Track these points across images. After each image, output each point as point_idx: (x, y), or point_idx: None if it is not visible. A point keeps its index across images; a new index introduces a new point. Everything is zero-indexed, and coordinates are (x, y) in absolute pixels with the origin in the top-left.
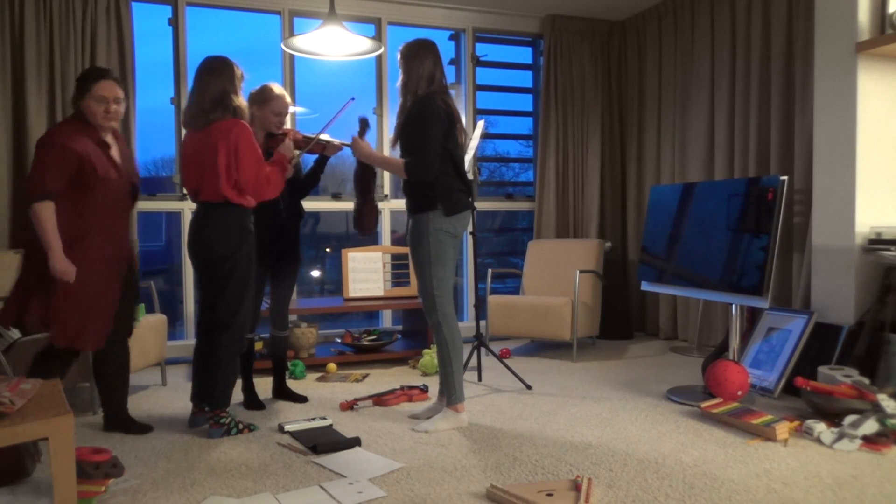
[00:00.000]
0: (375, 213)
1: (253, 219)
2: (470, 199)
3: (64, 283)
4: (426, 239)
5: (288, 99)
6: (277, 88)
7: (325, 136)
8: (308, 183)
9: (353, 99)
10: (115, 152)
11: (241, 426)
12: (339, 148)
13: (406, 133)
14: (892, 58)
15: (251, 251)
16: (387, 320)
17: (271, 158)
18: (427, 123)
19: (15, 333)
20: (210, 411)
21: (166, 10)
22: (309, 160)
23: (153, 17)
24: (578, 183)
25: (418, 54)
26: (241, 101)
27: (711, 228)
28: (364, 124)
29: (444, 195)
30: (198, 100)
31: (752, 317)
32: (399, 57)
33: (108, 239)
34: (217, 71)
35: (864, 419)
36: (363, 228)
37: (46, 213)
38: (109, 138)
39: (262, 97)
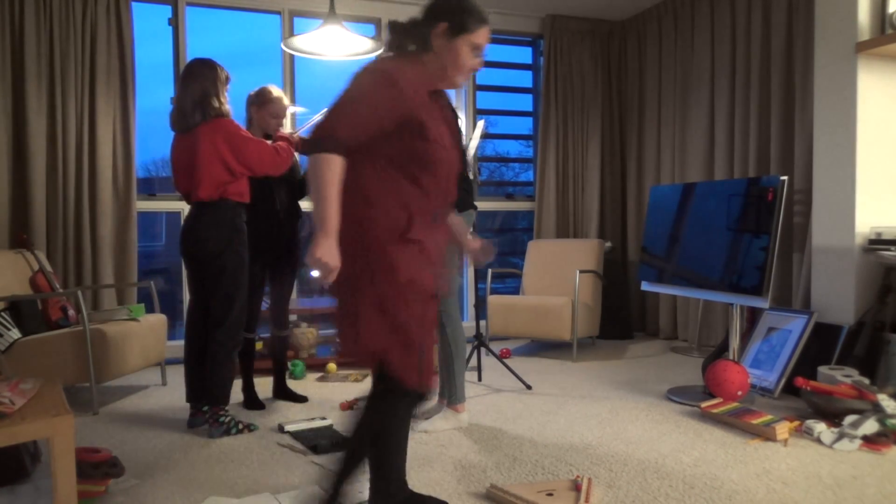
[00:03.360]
0: None
1: (246, 217)
2: (471, 199)
3: (389, 296)
4: None
5: (287, 101)
6: (276, 91)
7: None
8: (305, 183)
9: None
10: (448, 115)
11: (241, 425)
12: None
13: None
14: (892, 58)
15: (242, 249)
16: None
17: (276, 141)
18: None
19: (15, 333)
20: (209, 410)
21: (166, 10)
22: (305, 161)
23: (153, 17)
24: (578, 183)
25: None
26: (224, 102)
27: (711, 228)
28: None
29: None
30: (180, 103)
31: (752, 317)
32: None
33: (436, 237)
34: (197, 74)
35: (864, 419)
36: None
37: (324, 170)
38: (444, 98)
39: (261, 99)
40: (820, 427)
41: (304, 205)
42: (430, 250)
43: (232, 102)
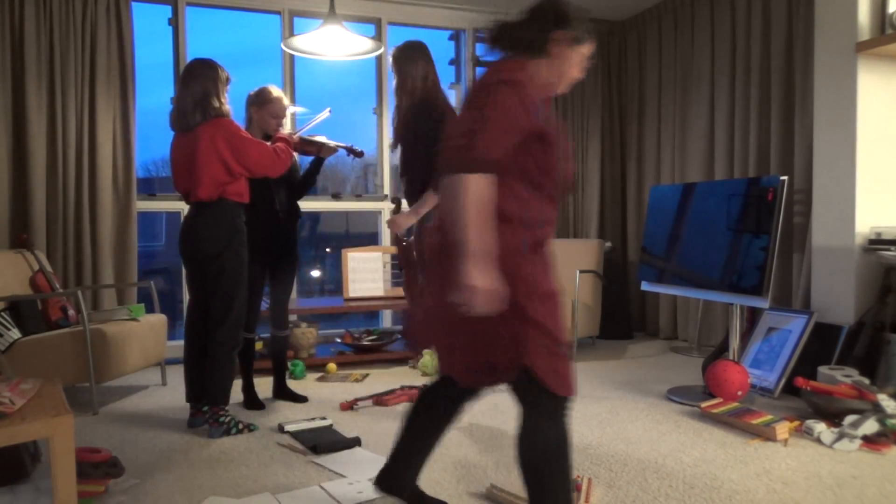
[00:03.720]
0: None
1: (245, 217)
2: None
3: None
4: None
5: (286, 101)
6: (276, 91)
7: (321, 138)
8: (304, 184)
9: (329, 110)
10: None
11: (241, 425)
12: (333, 150)
13: (414, 138)
14: (892, 58)
15: (242, 249)
16: (387, 320)
17: (274, 142)
18: (438, 126)
19: (15, 333)
20: (209, 410)
21: (166, 10)
22: (304, 161)
23: (153, 17)
24: (578, 183)
25: (410, 56)
26: (225, 103)
27: (711, 228)
28: (397, 202)
29: None
30: (180, 103)
31: (752, 317)
32: (391, 61)
33: (550, 252)
34: (197, 74)
35: (864, 419)
36: None
37: (480, 193)
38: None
39: (261, 99)
40: (820, 427)
41: (304, 205)
42: (550, 260)
43: (232, 102)
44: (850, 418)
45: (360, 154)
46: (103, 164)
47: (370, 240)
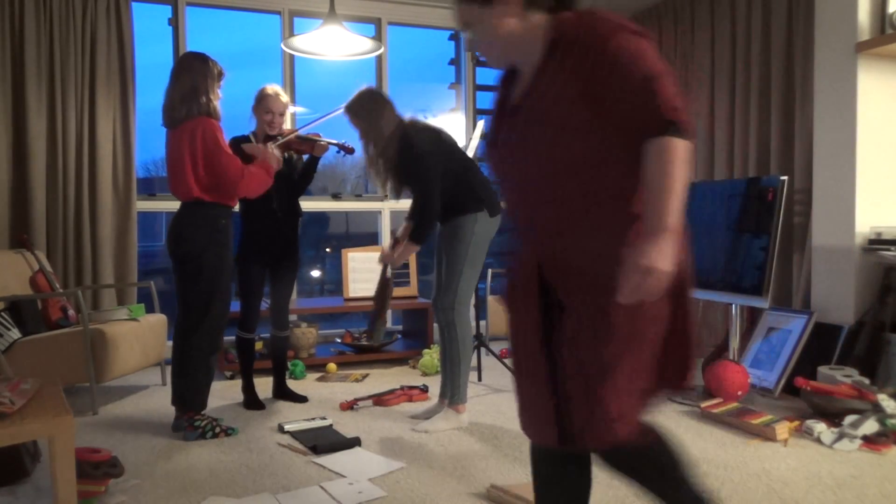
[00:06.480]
0: (384, 324)
1: (228, 219)
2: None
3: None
4: (468, 239)
5: (284, 98)
6: (270, 88)
7: (315, 136)
8: (301, 183)
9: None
10: None
11: (217, 429)
12: (325, 148)
13: (414, 181)
14: (892, 58)
15: (223, 251)
16: (387, 320)
17: (273, 140)
18: (415, 164)
19: (15, 333)
20: (184, 415)
21: (166, 10)
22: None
23: (153, 17)
24: None
25: (373, 109)
26: (214, 99)
27: (711, 228)
28: (396, 239)
29: (487, 197)
30: (169, 97)
31: (751, 317)
32: (350, 118)
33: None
34: (187, 68)
35: (864, 419)
36: (374, 339)
37: (685, 161)
38: None
39: (257, 97)
40: (820, 427)
41: (308, 205)
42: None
43: (228, 102)
44: (850, 418)
45: (350, 150)
46: (103, 164)
47: (370, 240)
